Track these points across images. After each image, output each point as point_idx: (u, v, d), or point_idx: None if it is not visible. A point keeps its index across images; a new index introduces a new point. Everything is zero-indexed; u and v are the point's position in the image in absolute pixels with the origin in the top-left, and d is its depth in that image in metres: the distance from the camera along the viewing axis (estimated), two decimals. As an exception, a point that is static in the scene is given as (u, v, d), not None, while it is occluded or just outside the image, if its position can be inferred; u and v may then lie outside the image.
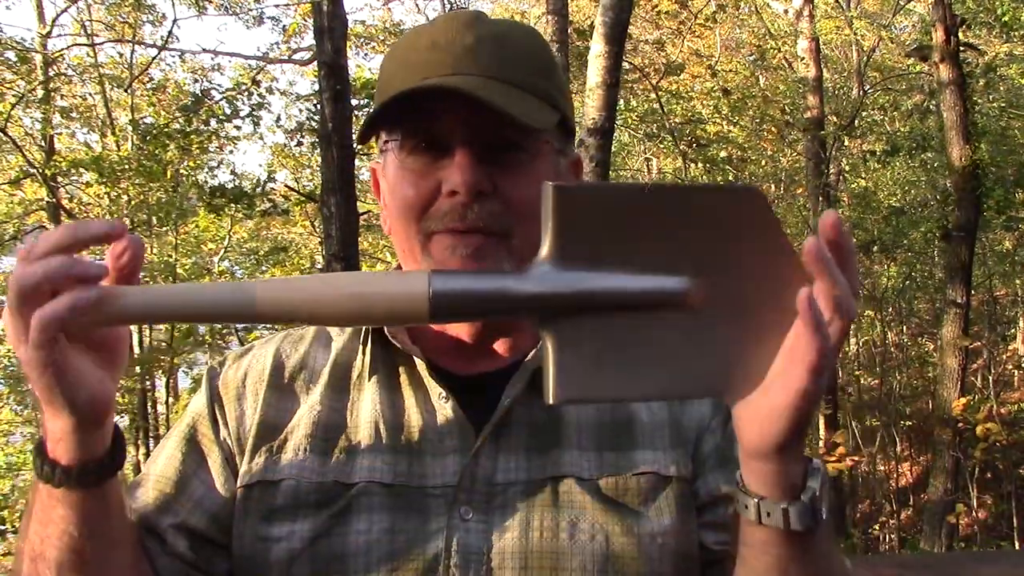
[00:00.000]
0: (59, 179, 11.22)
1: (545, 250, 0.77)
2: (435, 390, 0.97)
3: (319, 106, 6.59)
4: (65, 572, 0.82)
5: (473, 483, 0.93)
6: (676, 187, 0.86)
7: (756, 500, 0.78)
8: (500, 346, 1.01)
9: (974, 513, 11.63)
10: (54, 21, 11.67)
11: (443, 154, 0.91)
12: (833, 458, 8.86)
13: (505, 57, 0.92)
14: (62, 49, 11.95)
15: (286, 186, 12.49)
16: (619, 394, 0.80)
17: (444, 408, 0.96)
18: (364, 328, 1.01)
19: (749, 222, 0.76)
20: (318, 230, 12.17)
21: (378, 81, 1.00)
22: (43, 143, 11.56)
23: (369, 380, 0.99)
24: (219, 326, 12.74)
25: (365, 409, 0.97)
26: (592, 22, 8.46)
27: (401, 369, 0.99)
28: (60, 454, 0.78)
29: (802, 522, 0.77)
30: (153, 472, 0.98)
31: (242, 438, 0.97)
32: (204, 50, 18.88)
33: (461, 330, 0.99)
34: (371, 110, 0.95)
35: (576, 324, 0.76)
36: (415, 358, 0.98)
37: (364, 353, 1.00)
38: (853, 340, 16.55)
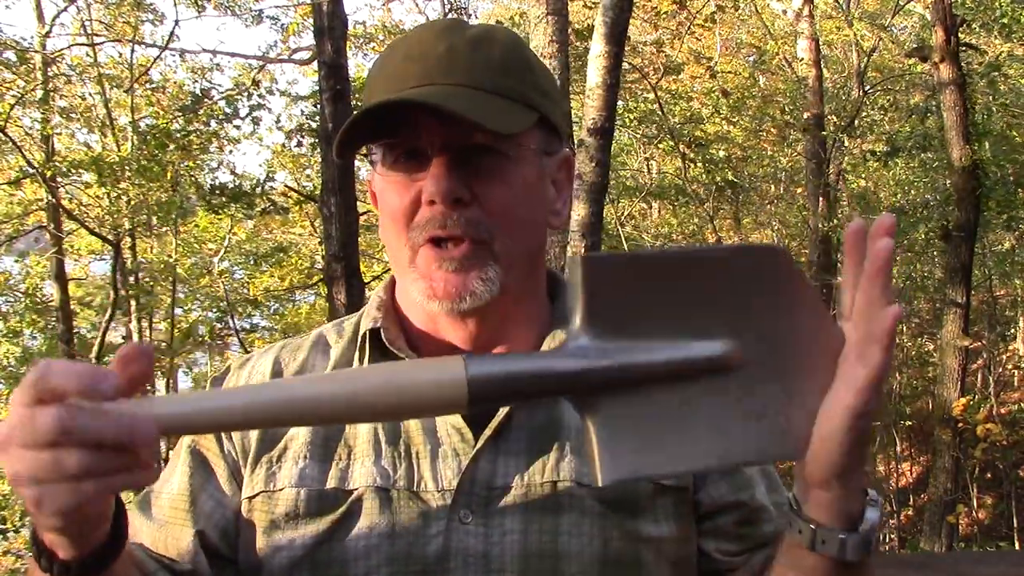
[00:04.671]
0: (59, 179, 11.20)
1: (578, 323, 0.75)
2: None
3: (319, 106, 6.59)
4: None
5: (472, 486, 0.93)
6: (699, 250, 0.85)
7: (812, 527, 0.76)
8: (500, 351, 1.00)
9: (974, 513, 11.64)
10: (53, 21, 11.66)
11: (422, 164, 0.92)
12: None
13: (476, 63, 0.92)
14: (62, 49, 11.94)
15: (286, 186, 12.50)
16: (670, 468, 0.76)
17: None
18: (361, 335, 1.01)
19: (775, 278, 0.77)
20: (318, 230, 12.17)
21: (364, 92, 1.01)
22: (43, 143, 11.54)
23: None
24: (219, 326, 12.74)
25: None
26: (588, 24, 8.45)
27: None
28: (56, 548, 0.74)
29: (857, 553, 0.76)
30: (165, 491, 0.99)
31: (246, 449, 0.98)
32: (204, 50, 18.88)
33: (458, 336, 0.98)
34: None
35: (617, 399, 0.74)
36: None
37: (362, 360, 1.00)
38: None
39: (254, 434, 0.98)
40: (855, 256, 0.74)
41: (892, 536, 12.18)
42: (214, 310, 12.97)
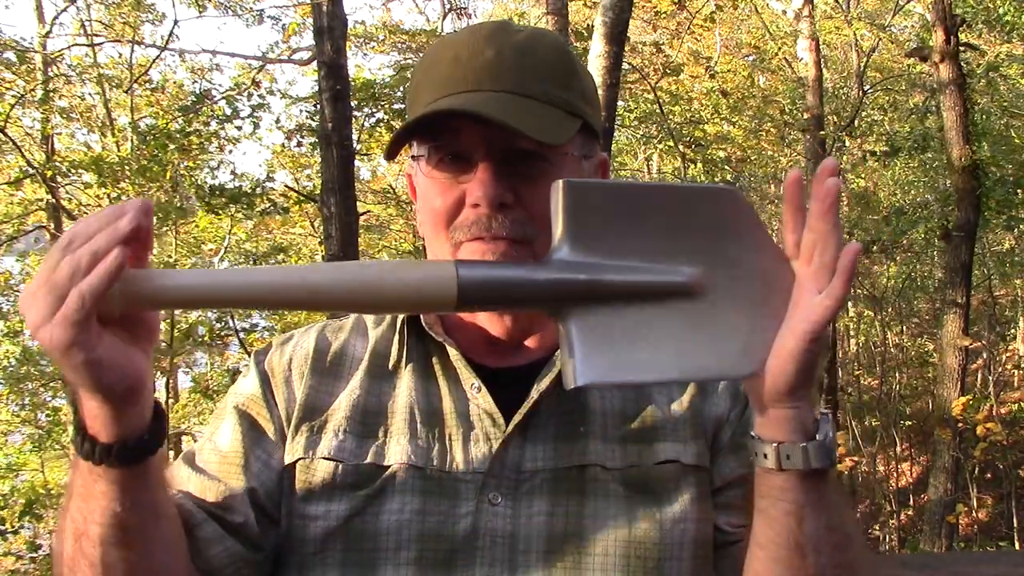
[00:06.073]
0: (59, 179, 11.20)
1: (557, 241, 0.82)
2: (468, 380, 1.02)
3: (319, 106, 6.59)
4: (109, 547, 0.84)
5: (502, 470, 0.98)
6: (669, 185, 0.93)
7: (775, 445, 0.83)
8: (530, 342, 1.06)
9: (974, 513, 11.64)
10: (53, 21, 11.67)
11: (467, 167, 0.97)
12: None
13: (524, 70, 0.96)
14: (62, 49, 11.94)
15: (286, 186, 12.49)
16: (636, 377, 0.83)
17: (476, 397, 1.01)
18: (400, 319, 1.06)
19: (734, 218, 0.85)
20: (318, 230, 12.17)
21: (408, 90, 1.06)
22: (43, 143, 11.54)
23: (405, 368, 1.04)
24: (219, 327, 12.73)
25: (401, 396, 1.02)
26: (588, 24, 8.45)
27: (435, 360, 1.04)
28: (99, 431, 0.80)
29: (820, 459, 0.82)
30: (208, 447, 1.02)
31: (290, 414, 1.02)
32: (204, 50, 18.88)
33: (493, 327, 1.03)
34: (405, 119, 1.00)
35: (590, 311, 0.81)
36: (449, 348, 1.02)
37: (401, 343, 1.05)
38: (853, 340, 16.53)
39: (299, 401, 1.02)
40: (795, 202, 0.82)
41: (892, 536, 12.17)
42: (213, 310, 12.95)
